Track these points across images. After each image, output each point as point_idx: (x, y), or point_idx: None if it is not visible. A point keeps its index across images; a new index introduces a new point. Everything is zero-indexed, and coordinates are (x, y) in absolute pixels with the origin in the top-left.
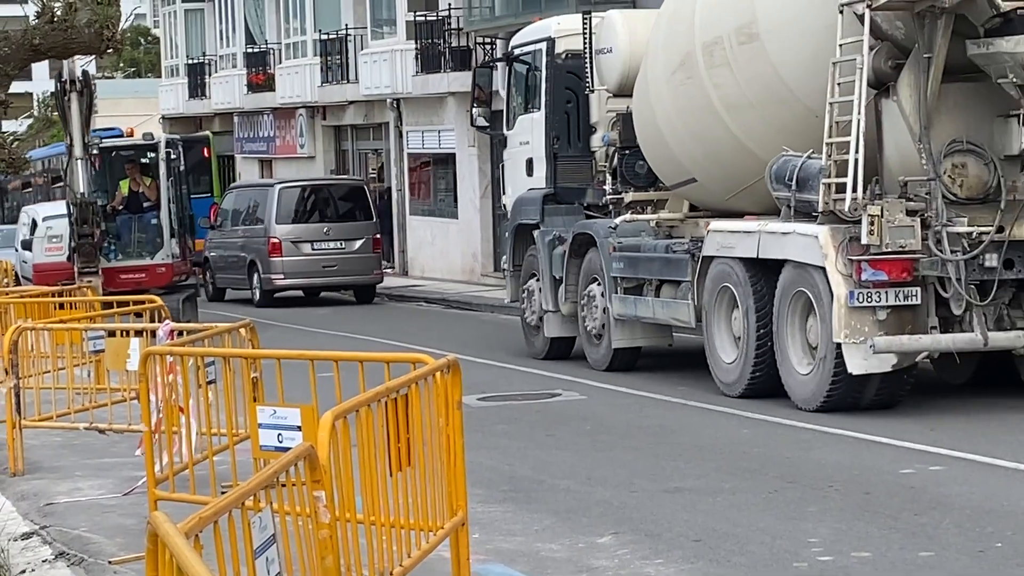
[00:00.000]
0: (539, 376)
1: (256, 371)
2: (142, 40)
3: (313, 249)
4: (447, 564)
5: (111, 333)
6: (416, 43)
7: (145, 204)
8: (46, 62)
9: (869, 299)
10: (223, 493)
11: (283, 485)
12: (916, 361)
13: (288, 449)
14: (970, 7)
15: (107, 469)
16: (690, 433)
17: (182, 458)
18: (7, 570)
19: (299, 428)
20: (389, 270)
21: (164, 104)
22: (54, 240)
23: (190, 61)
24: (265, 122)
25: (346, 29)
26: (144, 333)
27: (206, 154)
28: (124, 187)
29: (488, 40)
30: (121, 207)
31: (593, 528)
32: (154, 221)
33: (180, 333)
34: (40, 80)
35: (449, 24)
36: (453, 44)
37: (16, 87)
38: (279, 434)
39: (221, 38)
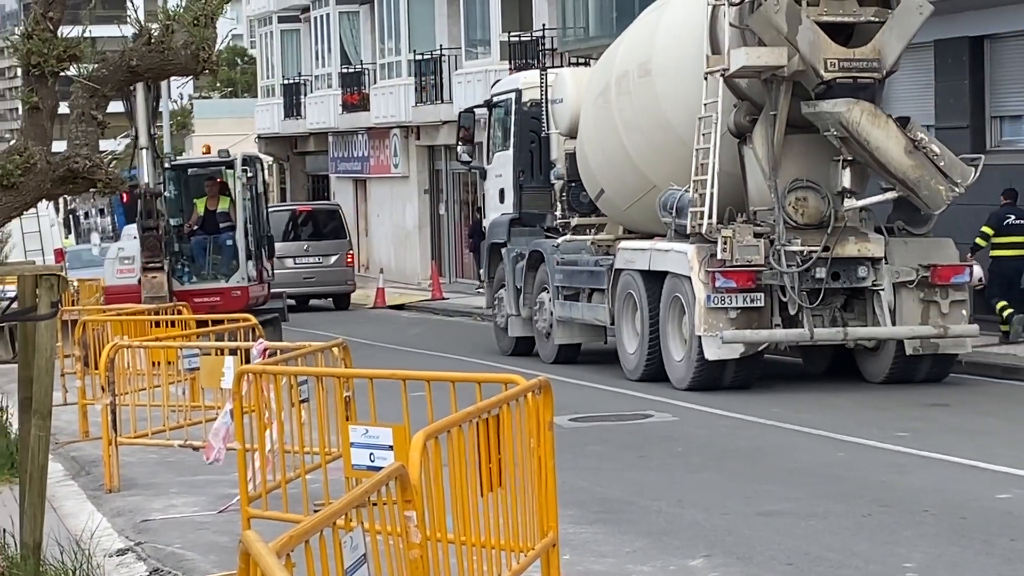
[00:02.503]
0: (630, 397)
1: (348, 390)
2: (239, 60)
3: (295, 263)
4: None
5: (206, 351)
6: (510, 63)
7: (222, 224)
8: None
9: (722, 302)
10: (316, 512)
11: (374, 504)
12: (760, 350)
13: (380, 469)
14: (803, 76)
15: (201, 486)
16: (783, 456)
17: (274, 476)
18: None
19: (391, 448)
20: (482, 290)
21: (260, 124)
22: (126, 262)
23: (286, 81)
24: (359, 142)
25: (440, 49)
26: (239, 352)
27: None
28: (200, 206)
29: (582, 60)
30: (196, 227)
31: (684, 551)
32: (229, 242)
33: (273, 352)
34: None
35: (543, 44)
36: (547, 64)
37: (114, 107)
38: (371, 453)
39: (317, 58)
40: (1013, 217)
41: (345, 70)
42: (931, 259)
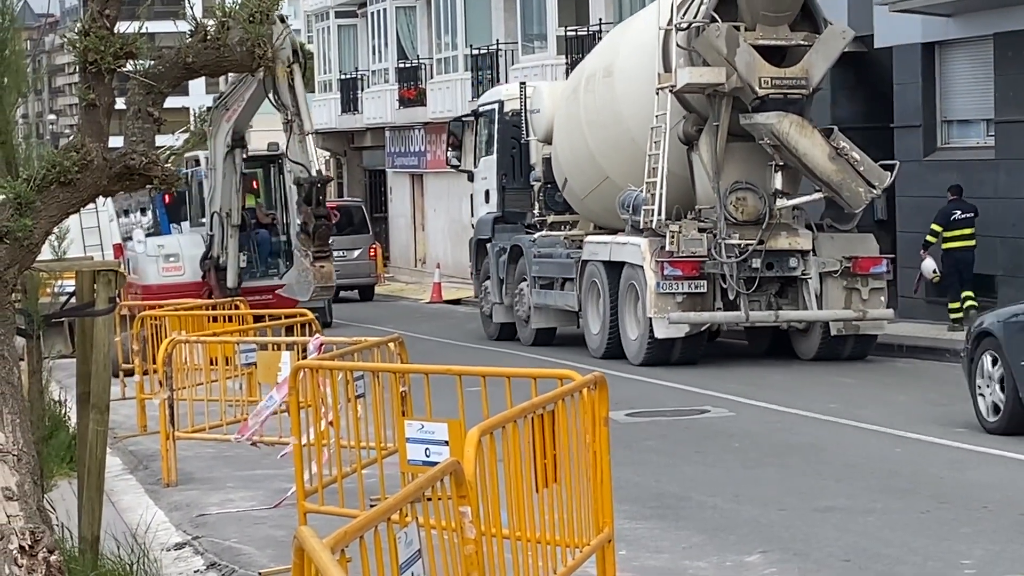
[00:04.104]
0: (686, 392)
1: (404, 385)
2: None
3: None
4: None
5: (262, 346)
6: (567, 58)
7: (252, 221)
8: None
9: (670, 288)
10: (371, 507)
11: (429, 500)
12: (702, 330)
13: (435, 464)
14: (741, 92)
15: (258, 481)
16: (841, 451)
17: (330, 471)
18: None
19: (446, 443)
20: None
21: (317, 119)
22: (171, 259)
23: (343, 76)
24: (416, 137)
25: (497, 44)
26: (295, 347)
27: None
28: None
29: None
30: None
31: (741, 546)
32: (274, 239)
33: (330, 347)
34: (197, 95)
35: (599, 38)
36: None
37: (172, 102)
38: (426, 448)
39: (373, 53)
40: (959, 212)
41: (402, 65)
42: (853, 252)
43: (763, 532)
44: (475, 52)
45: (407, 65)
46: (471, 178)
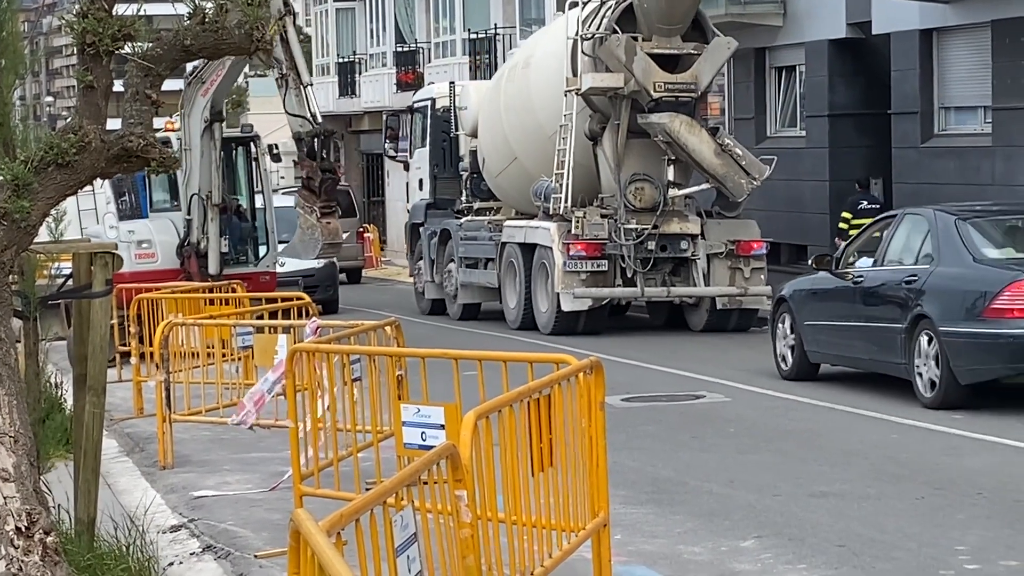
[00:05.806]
0: (682, 377)
1: (401, 369)
2: None
3: None
4: (588, 565)
5: (259, 329)
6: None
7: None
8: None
9: (576, 266)
10: (367, 490)
11: (425, 483)
12: (603, 304)
13: (431, 447)
14: (638, 94)
15: (254, 464)
16: (836, 437)
17: (326, 455)
18: (156, 562)
19: (442, 427)
20: None
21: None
22: (144, 246)
23: (341, 60)
24: None
25: (495, 28)
26: (291, 330)
27: None
28: None
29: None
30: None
31: (736, 531)
32: (244, 224)
33: (326, 331)
34: None
35: None
36: None
37: (170, 84)
38: (423, 432)
39: (371, 37)
40: (866, 203)
41: (400, 49)
42: (737, 236)
43: (758, 517)
44: (473, 36)
45: (405, 49)
46: (407, 167)
